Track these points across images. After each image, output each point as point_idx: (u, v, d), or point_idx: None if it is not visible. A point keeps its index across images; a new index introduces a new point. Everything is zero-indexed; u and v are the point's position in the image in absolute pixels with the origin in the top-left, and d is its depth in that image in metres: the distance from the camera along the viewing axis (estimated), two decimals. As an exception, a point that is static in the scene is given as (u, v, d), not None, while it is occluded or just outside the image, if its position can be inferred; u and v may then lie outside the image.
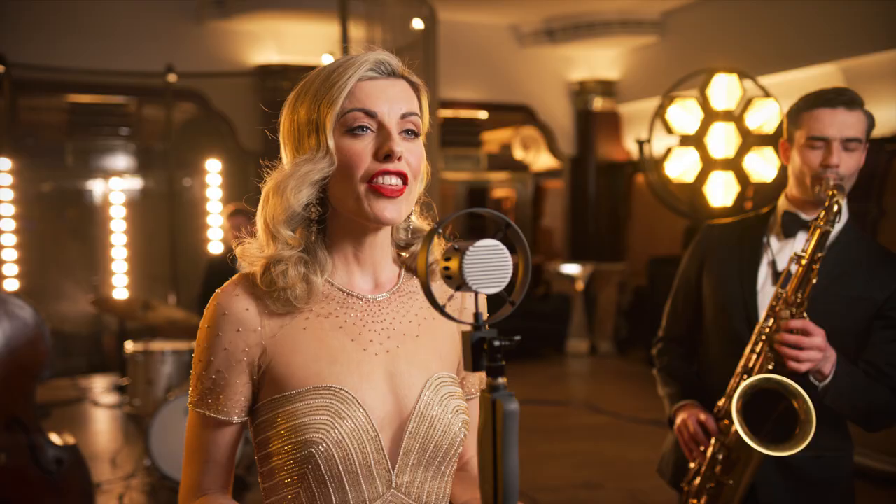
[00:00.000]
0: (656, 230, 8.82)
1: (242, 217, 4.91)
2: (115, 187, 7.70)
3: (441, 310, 0.89)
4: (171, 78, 6.93)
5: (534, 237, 10.81)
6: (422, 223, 1.30)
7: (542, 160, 10.32)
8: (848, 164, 1.94)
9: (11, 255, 6.75)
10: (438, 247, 1.26)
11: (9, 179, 6.63)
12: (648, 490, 4.59)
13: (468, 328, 0.89)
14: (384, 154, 1.15)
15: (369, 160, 1.16)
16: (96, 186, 8.33)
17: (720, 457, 1.94)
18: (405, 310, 1.26)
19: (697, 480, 1.99)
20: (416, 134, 1.20)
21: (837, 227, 1.99)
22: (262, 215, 1.20)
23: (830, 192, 1.88)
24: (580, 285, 9.05)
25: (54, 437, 2.75)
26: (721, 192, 3.95)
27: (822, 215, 1.88)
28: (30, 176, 7.34)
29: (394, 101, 1.18)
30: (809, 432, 1.78)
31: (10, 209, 6.69)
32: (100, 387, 7.45)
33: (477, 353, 0.88)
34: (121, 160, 8.37)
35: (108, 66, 7.13)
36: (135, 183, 8.28)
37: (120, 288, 7.45)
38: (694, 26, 7.94)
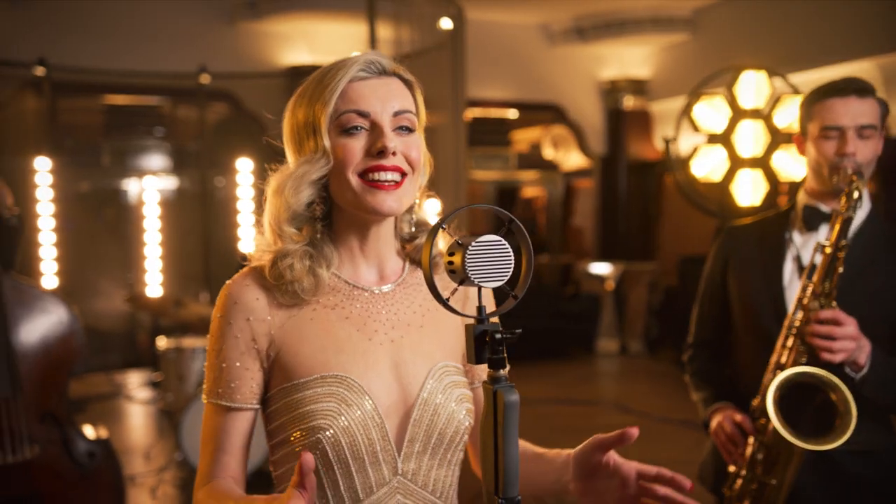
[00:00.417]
0: (687, 229, 8.75)
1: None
2: (150, 187, 7.84)
3: (444, 302, 0.92)
4: (204, 79, 7.04)
5: (564, 237, 10.79)
6: (426, 216, 1.33)
7: (572, 159, 10.29)
8: (864, 151, 1.92)
9: (51, 252, 6.90)
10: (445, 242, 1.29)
11: (49, 179, 6.79)
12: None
13: (471, 321, 0.92)
14: (377, 150, 1.18)
15: (364, 157, 1.20)
16: (131, 186, 8.49)
17: (760, 456, 1.91)
18: (409, 301, 1.29)
19: (739, 483, 1.96)
20: (410, 130, 1.23)
21: (860, 214, 1.97)
22: (266, 215, 1.25)
23: (850, 179, 1.87)
24: (610, 285, 9.01)
25: (87, 431, 2.81)
26: (749, 191, 3.91)
27: (843, 202, 1.86)
28: (68, 176, 7.51)
29: (385, 99, 1.21)
30: (850, 424, 1.74)
31: (51, 208, 6.84)
32: (134, 382, 7.60)
33: (479, 345, 0.91)
34: (155, 160, 8.53)
35: (143, 67, 7.27)
36: (169, 182, 8.42)
37: (154, 286, 7.59)
38: (726, 23, 7.85)
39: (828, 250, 1.86)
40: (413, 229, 1.33)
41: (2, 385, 2.53)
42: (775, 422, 1.80)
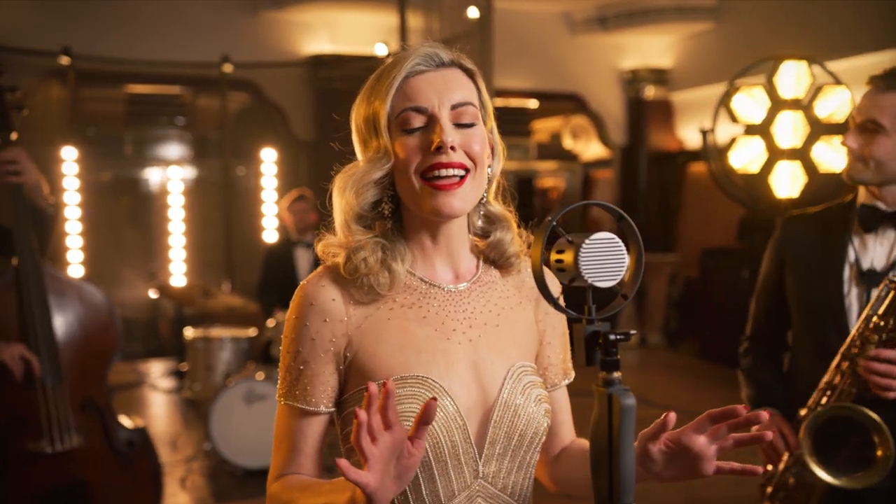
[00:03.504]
0: (709, 221, 8.68)
1: (305, 203, 4.97)
2: (173, 176, 7.85)
3: (555, 302, 0.89)
4: (227, 68, 7.02)
5: (583, 228, 10.73)
6: (499, 208, 1.29)
7: (591, 149, 10.21)
8: (869, 148, 1.85)
9: (77, 242, 6.93)
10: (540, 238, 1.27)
11: (74, 168, 6.81)
12: (701, 485, 4.53)
13: (567, 323, 0.89)
14: (435, 146, 1.15)
15: (422, 155, 1.16)
16: (153, 175, 8.50)
17: (794, 470, 1.90)
18: (485, 299, 1.26)
19: (769, 489, 1.95)
20: (471, 124, 1.19)
21: None
22: (335, 215, 1.24)
23: None
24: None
25: (124, 420, 2.83)
26: (787, 183, 3.86)
27: None
28: (90, 165, 7.52)
29: (443, 92, 1.18)
30: (886, 469, 1.72)
31: (76, 197, 6.86)
32: (157, 371, 7.63)
33: (590, 347, 0.88)
34: (177, 149, 8.53)
35: (165, 56, 7.25)
36: (190, 172, 8.42)
37: (178, 275, 7.60)
38: (751, 12, 7.74)
39: (895, 287, 1.77)
40: (485, 223, 1.29)
41: (47, 374, 2.53)
42: (809, 460, 1.80)
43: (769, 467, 1.99)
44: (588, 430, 0.90)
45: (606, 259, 0.88)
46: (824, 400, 1.86)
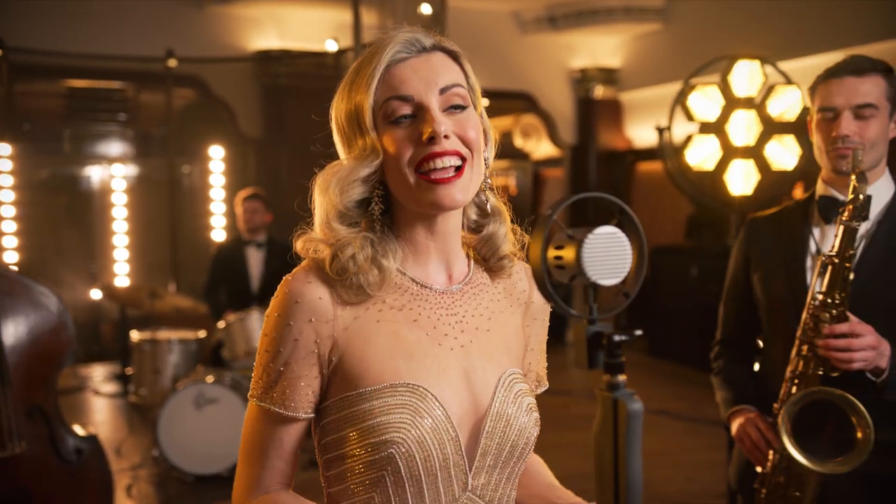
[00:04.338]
0: (658, 219, 8.79)
1: (257, 202, 4.85)
2: (115, 174, 7.60)
3: (557, 301, 0.83)
4: (171, 63, 6.82)
5: (533, 226, 10.75)
6: (494, 199, 1.22)
7: (542, 148, 10.25)
8: (864, 132, 1.86)
9: (12, 241, 6.66)
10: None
11: (8, 165, 6.54)
12: (654, 482, 4.56)
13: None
14: (427, 137, 1.08)
15: (414, 147, 1.09)
16: (93, 173, 8.22)
17: (783, 466, 1.88)
18: (476, 302, 1.19)
19: (764, 492, 1.92)
20: (462, 107, 1.12)
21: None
22: (317, 212, 1.15)
23: (855, 186, 1.79)
24: (581, 274, 9.01)
25: (76, 427, 2.70)
26: (741, 181, 3.90)
27: (847, 210, 1.80)
28: (26, 162, 7.22)
29: (429, 77, 1.11)
30: (867, 449, 1.70)
31: (10, 195, 6.59)
32: (99, 375, 7.37)
33: (593, 348, 0.83)
34: (119, 146, 8.27)
35: (106, 50, 7.01)
36: (133, 170, 8.17)
37: (121, 276, 7.37)
38: (697, 14, 7.86)
39: (835, 261, 1.80)
40: (478, 216, 1.21)
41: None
42: (790, 448, 1.78)
43: (759, 469, 1.96)
44: (591, 438, 0.85)
45: (610, 255, 0.83)
46: (794, 390, 1.85)
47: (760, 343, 2.14)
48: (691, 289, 7.29)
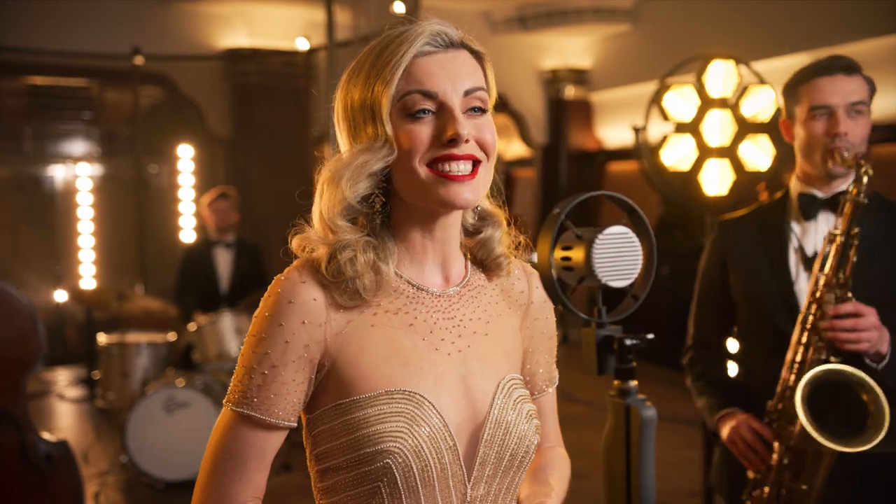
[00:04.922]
0: (628, 219, 8.85)
1: (226, 202, 4.77)
2: (80, 173, 7.43)
3: (566, 304, 0.80)
4: (138, 60, 6.68)
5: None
6: (490, 204, 1.19)
7: (513, 149, 10.27)
8: (856, 130, 1.88)
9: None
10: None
11: (-33, 164, 6.35)
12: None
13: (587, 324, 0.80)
14: (448, 138, 1.04)
15: (431, 145, 1.05)
16: (57, 172, 8.03)
17: (786, 462, 1.84)
18: (474, 306, 1.16)
19: (766, 490, 1.88)
20: (483, 110, 1.10)
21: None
22: (317, 207, 1.10)
23: (859, 163, 1.80)
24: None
25: (45, 434, 2.62)
26: (716, 181, 3.93)
27: (852, 187, 1.81)
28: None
29: (456, 76, 1.07)
30: (883, 423, 1.67)
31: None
32: (64, 380, 7.20)
33: (603, 353, 0.80)
34: (83, 145, 8.08)
35: (70, 47, 6.85)
36: (98, 169, 8.00)
37: (87, 277, 7.20)
38: (666, 15, 7.93)
39: (840, 239, 1.81)
40: (476, 219, 1.19)
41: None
42: (806, 424, 1.72)
43: (750, 474, 1.92)
44: (601, 446, 0.82)
45: (620, 256, 0.80)
46: (792, 378, 1.83)
47: (734, 345, 2.12)
48: (662, 288, 7.32)
